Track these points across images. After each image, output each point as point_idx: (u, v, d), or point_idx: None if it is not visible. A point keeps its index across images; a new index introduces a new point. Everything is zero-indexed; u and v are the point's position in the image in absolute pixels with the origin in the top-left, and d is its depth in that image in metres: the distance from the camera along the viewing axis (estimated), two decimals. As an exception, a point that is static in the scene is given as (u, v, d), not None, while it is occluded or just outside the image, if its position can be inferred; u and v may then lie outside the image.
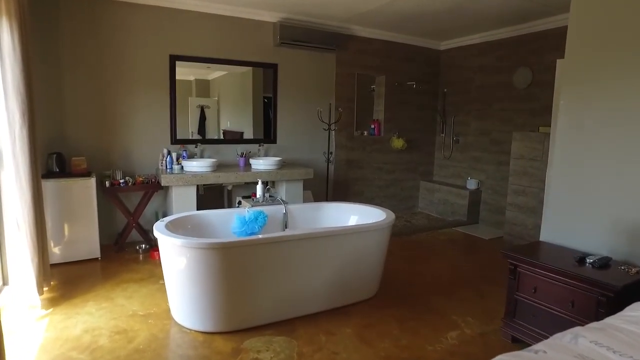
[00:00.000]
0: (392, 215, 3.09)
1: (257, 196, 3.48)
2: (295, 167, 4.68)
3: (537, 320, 2.35)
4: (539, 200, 3.87)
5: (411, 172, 6.21)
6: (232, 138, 4.76)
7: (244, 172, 4.19)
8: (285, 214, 3.36)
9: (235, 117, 4.83)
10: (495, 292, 3.30)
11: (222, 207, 4.78)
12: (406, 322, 2.77)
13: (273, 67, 4.86)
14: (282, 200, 3.41)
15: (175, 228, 2.78)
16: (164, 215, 4.32)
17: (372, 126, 5.88)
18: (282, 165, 4.59)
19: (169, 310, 2.77)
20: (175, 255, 2.43)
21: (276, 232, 3.29)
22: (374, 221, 3.12)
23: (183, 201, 3.89)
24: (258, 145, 4.84)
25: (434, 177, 6.41)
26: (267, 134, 4.97)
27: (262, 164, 4.42)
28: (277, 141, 5.04)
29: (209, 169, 4.09)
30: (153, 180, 4.03)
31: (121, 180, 3.89)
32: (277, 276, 2.58)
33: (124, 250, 4.00)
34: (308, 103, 5.17)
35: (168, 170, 4.08)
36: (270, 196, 3.53)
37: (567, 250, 2.50)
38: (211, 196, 4.62)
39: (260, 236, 2.52)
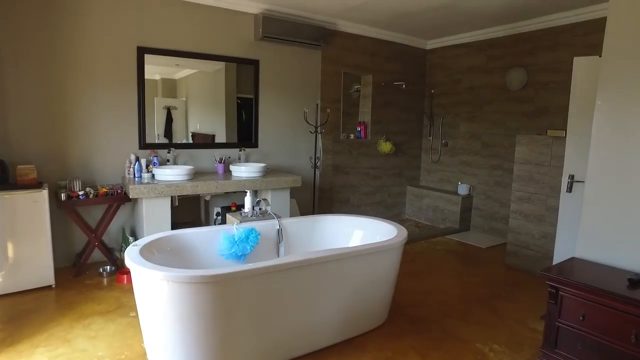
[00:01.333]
0: (405, 232, 2.71)
1: (246, 210, 3.01)
2: (281, 174, 4.23)
3: (586, 353, 2.04)
4: (546, 207, 3.63)
5: (398, 177, 5.91)
6: (203, 142, 4.24)
7: (225, 181, 3.70)
8: (280, 231, 2.91)
9: (206, 118, 4.32)
10: (512, 310, 3.02)
11: (198, 219, 4.26)
12: (428, 353, 2.40)
13: (254, 64, 4.40)
14: (275, 215, 2.96)
15: (151, 252, 2.28)
16: (133, 232, 3.75)
17: (359, 129, 5.52)
18: (266, 172, 4.14)
19: (145, 354, 2.26)
20: (155, 289, 1.93)
21: (270, 252, 2.86)
22: (383, 237, 2.75)
23: (156, 215, 3.36)
24: (239, 150, 4.36)
25: (421, 182, 6.14)
26: (245, 137, 4.47)
27: (244, 171, 3.94)
28: (259, 145, 4.58)
29: (185, 178, 3.57)
30: (119, 191, 3.46)
31: (80, 192, 3.30)
32: (279, 309, 2.13)
33: (84, 274, 3.41)
34: (292, 103, 4.74)
35: (137, 179, 3.53)
36: (260, 209, 3.07)
37: (613, 269, 2.21)
38: (186, 207, 4.09)
39: (259, 264, 2.06)
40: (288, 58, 4.63)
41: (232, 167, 4.01)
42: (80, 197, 3.29)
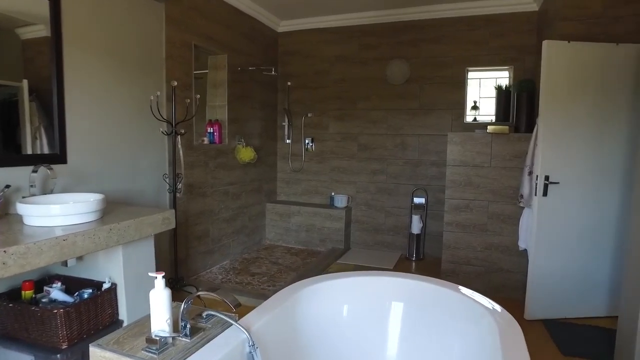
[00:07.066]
0: (514, 323, 1.55)
1: (161, 329, 1.19)
2: (131, 209, 2.29)
3: None
4: (489, 215, 3.17)
5: (257, 193, 4.57)
6: None
7: (18, 247, 1.58)
8: (254, 351, 1.26)
9: None
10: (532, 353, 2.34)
11: None
12: None
13: (51, 4, 2.25)
14: (230, 318, 1.28)
15: None
16: None
17: (210, 129, 3.90)
18: (105, 209, 2.15)
19: None
20: None
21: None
22: (449, 313, 1.54)
23: None
24: (32, 170, 2.13)
25: (279, 197, 4.98)
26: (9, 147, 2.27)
27: (59, 213, 1.87)
28: (68, 159, 2.43)
29: None
30: None
31: None
32: None
33: None
34: (128, 86, 2.78)
35: None
36: (189, 319, 1.30)
37: None
38: None
39: None
40: (113, 5, 2.65)
41: (22, 208, 1.85)
42: None
